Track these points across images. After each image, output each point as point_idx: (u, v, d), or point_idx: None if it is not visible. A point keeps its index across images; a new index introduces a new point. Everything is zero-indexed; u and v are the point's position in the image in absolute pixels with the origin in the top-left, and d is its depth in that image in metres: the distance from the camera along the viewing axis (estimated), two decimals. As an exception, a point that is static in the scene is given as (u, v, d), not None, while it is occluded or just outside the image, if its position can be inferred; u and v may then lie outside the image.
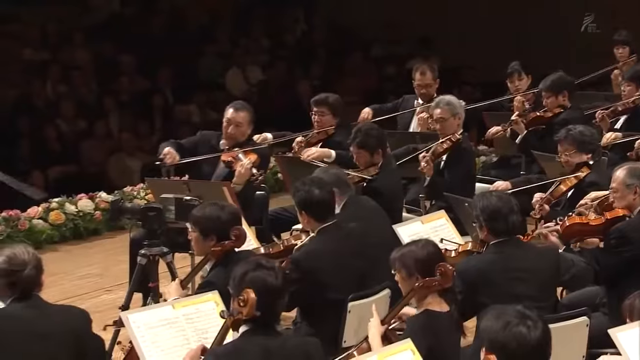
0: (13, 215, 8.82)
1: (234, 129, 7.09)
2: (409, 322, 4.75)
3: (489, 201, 5.25)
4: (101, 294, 7.64)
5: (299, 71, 13.79)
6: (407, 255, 4.73)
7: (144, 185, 9.18)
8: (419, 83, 8.29)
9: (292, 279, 5.43)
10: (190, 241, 5.39)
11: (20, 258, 4.51)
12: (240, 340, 4.18)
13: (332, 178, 6.06)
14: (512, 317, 3.69)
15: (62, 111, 11.94)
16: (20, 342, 4.41)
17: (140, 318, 4.71)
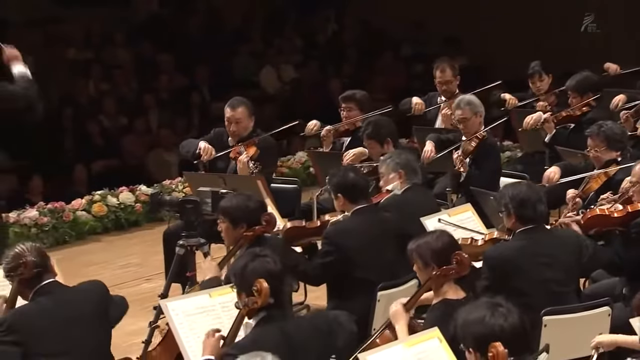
0: (58, 207, 8.88)
1: (235, 126, 7.15)
2: (428, 313, 4.73)
3: (519, 190, 5.31)
4: (141, 282, 7.67)
5: (330, 70, 13.76)
6: (422, 246, 4.74)
7: (182, 179, 9.20)
8: (440, 80, 8.28)
9: (322, 251, 5.54)
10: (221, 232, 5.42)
11: (17, 251, 4.65)
12: (259, 328, 4.23)
13: (403, 161, 6.21)
14: (485, 310, 3.67)
15: (104, 108, 11.98)
16: (54, 327, 4.50)
17: (179, 306, 4.73)
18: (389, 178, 6.25)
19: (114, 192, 9.26)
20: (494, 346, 3.58)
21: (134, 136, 11.90)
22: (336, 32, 14.70)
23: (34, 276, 4.62)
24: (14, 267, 4.64)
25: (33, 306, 4.62)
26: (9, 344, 4.44)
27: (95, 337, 4.60)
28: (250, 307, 4.20)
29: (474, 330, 3.66)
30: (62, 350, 4.45)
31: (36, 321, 4.51)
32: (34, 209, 8.77)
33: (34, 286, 4.63)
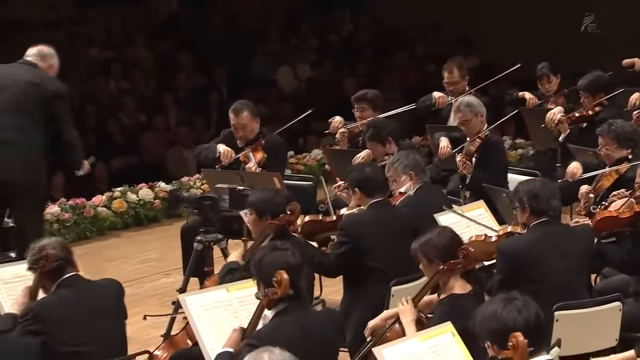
0: (79, 203, 8.91)
1: (242, 131, 7.17)
2: (436, 308, 4.72)
3: (533, 185, 5.34)
4: (160, 277, 7.68)
5: (346, 69, 13.75)
6: (425, 244, 4.74)
7: (200, 176, 9.20)
8: (447, 81, 8.29)
9: (337, 242, 5.57)
10: (243, 228, 5.43)
11: (39, 245, 4.68)
12: (278, 319, 4.24)
13: (411, 162, 6.22)
14: (499, 304, 3.68)
15: (124, 106, 12.00)
16: (75, 318, 4.53)
17: (197, 300, 4.73)
18: (400, 181, 6.21)
19: (134, 189, 9.27)
20: (514, 336, 3.59)
21: (153, 134, 11.91)
22: (351, 32, 14.69)
23: (55, 269, 4.65)
24: (36, 260, 4.68)
25: (56, 297, 4.66)
26: (33, 332, 4.47)
27: (113, 330, 4.63)
28: (270, 298, 4.22)
29: (489, 325, 3.67)
30: (83, 341, 4.49)
31: (59, 312, 4.54)
32: (55, 205, 8.79)
33: (56, 279, 4.66)
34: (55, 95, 6.72)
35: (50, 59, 6.92)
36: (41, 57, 6.87)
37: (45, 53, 6.92)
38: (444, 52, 12.79)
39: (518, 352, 3.58)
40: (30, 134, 6.58)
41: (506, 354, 3.60)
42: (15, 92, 6.61)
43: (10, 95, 6.60)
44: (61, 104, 6.78)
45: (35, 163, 6.61)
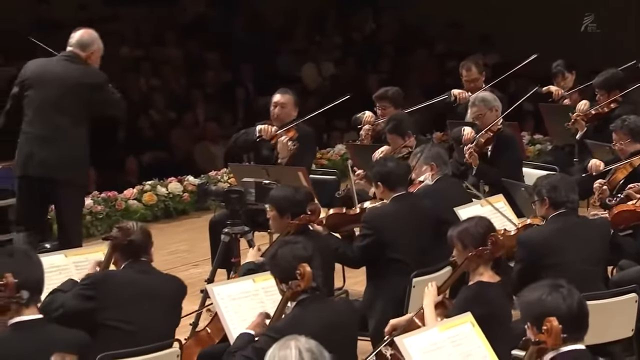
0: (111, 196, 8.96)
1: (279, 109, 7.16)
2: (462, 291, 4.73)
3: (552, 178, 5.38)
4: (189, 268, 7.70)
5: (368, 66, 13.73)
6: (463, 232, 4.75)
7: (227, 170, 9.22)
8: (466, 79, 8.28)
9: (360, 234, 5.58)
10: (269, 220, 5.43)
11: (128, 228, 4.69)
12: (297, 310, 4.26)
13: (433, 153, 6.26)
14: (546, 289, 3.69)
15: (154, 103, 12.03)
16: (132, 297, 4.52)
17: (224, 290, 4.75)
18: (421, 170, 6.28)
19: (163, 183, 9.31)
20: (549, 320, 3.60)
21: (182, 129, 11.94)
22: (374, 30, 14.66)
23: (127, 245, 4.64)
24: (114, 231, 4.71)
25: (119, 273, 4.67)
26: (87, 297, 4.47)
27: (164, 320, 4.57)
28: (294, 290, 4.23)
29: (532, 308, 3.68)
30: (128, 320, 4.45)
31: (116, 287, 4.53)
32: (88, 198, 8.83)
33: (127, 258, 4.66)
34: (92, 88, 6.56)
35: (90, 47, 6.69)
36: (81, 47, 6.66)
37: (85, 41, 6.68)
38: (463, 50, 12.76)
39: (551, 337, 3.59)
40: (69, 131, 6.48)
41: (540, 337, 3.62)
42: (53, 89, 6.49)
43: (49, 92, 6.49)
44: (100, 93, 6.60)
45: (74, 160, 6.51)
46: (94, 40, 6.71)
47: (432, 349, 4.14)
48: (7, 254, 4.04)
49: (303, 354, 3.33)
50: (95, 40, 6.72)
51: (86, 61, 6.63)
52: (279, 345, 3.39)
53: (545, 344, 3.61)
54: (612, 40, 12.37)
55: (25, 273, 3.95)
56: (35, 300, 3.99)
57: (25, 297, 3.90)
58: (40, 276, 4.04)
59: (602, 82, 8.00)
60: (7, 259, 4.00)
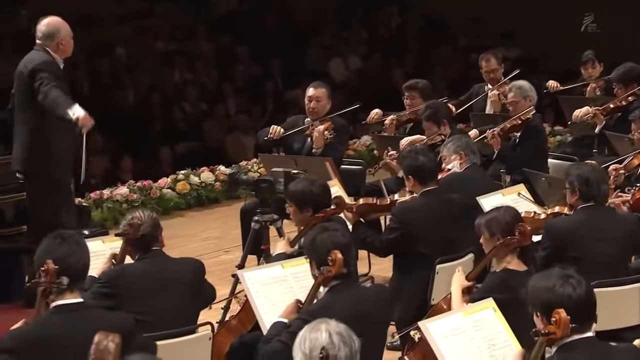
0: (146, 185, 8.99)
1: (315, 103, 7.15)
2: (488, 277, 4.70)
3: (585, 170, 5.26)
4: (220, 254, 7.71)
5: (393, 61, 13.68)
6: (491, 220, 4.70)
7: (257, 160, 9.22)
8: (486, 69, 8.22)
9: (389, 227, 5.56)
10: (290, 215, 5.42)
11: (137, 220, 4.64)
12: (329, 295, 4.25)
13: (463, 143, 6.26)
14: (556, 279, 3.65)
15: (187, 95, 12.06)
16: (142, 289, 4.50)
17: (254, 276, 4.74)
18: (450, 159, 6.26)
19: (196, 172, 9.32)
20: (557, 312, 3.58)
21: (213, 121, 11.96)
22: (399, 26, 14.61)
23: (139, 239, 4.61)
24: (124, 226, 4.68)
25: (133, 266, 4.64)
26: (105, 295, 4.45)
27: (183, 306, 4.55)
28: (326, 276, 4.22)
29: (543, 297, 3.65)
30: (145, 310, 4.42)
31: (131, 280, 4.51)
32: (124, 186, 8.87)
33: (140, 249, 4.64)
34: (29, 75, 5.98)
35: (57, 35, 6.09)
36: (49, 37, 6.09)
37: (50, 32, 6.08)
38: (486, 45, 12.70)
39: (560, 328, 3.57)
40: (25, 123, 6.07)
41: (549, 328, 3.60)
42: (16, 83, 6.15)
43: (16, 88, 6.16)
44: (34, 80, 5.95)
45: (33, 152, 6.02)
46: (59, 27, 6.11)
47: (455, 333, 4.13)
48: (52, 240, 4.02)
49: (333, 337, 3.33)
50: (61, 28, 6.12)
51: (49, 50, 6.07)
52: (309, 328, 3.38)
53: (554, 334, 3.59)
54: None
55: (67, 260, 3.94)
56: (78, 285, 3.98)
57: (65, 283, 3.90)
58: (83, 262, 4.01)
59: (620, 76, 7.95)
60: (51, 244, 3.99)
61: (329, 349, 3.31)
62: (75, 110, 5.80)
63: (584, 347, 3.62)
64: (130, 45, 12.51)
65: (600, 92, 8.33)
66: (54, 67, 6.02)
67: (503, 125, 7.27)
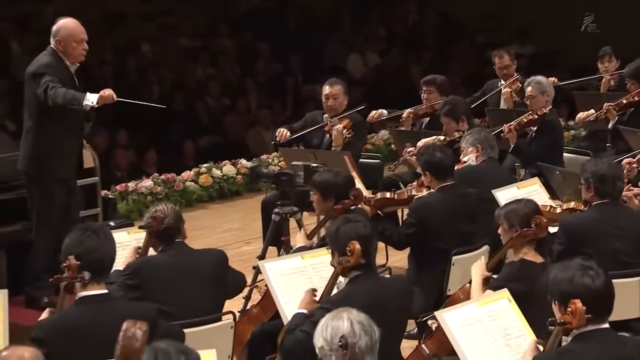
0: (170, 178, 9.02)
1: (332, 101, 7.14)
2: (505, 266, 4.68)
3: (601, 166, 5.19)
4: (241, 245, 7.73)
5: (411, 57, 13.64)
6: (510, 211, 4.68)
7: (277, 154, 9.23)
8: (499, 66, 8.20)
9: (406, 222, 5.55)
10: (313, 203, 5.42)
11: (161, 213, 4.62)
12: (349, 286, 4.24)
13: (481, 136, 6.21)
14: (576, 270, 3.63)
15: (210, 90, 12.08)
16: (166, 280, 4.49)
17: (275, 266, 4.74)
18: (467, 151, 6.24)
19: (218, 165, 9.34)
20: (573, 302, 3.57)
21: (235, 115, 11.97)
22: (416, 23, 14.57)
23: (162, 231, 4.60)
24: (147, 219, 4.67)
25: (156, 258, 4.63)
26: (131, 286, 4.44)
27: (206, 296, 4.54)
28: (344, 266, 4.21)
29: (562, 286, 3.64)
30: (168, 301, 4.41)
31: (154, 271, 4.50)
32: (149, 179, 8.90)
33: (163, 242, 4.63)
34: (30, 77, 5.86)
35: (56, 35, 5.90)
36: (52, 36, 5.92)
37: (53, 30, 5.91)
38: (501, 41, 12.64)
39: (576, 318, 3.57)
40: (28, 123, 5.95)
41: (565, 318, 3.60)
42: (25, 84, 5.98)
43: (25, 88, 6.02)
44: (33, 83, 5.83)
45: (33, 152, 5.91)
46: (59, 27, 5.91)
47: (470, 323, 4.11)
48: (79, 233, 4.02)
49: (354, 326, 3.33)
50: (61, 28, 5.91)
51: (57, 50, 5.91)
52: (331, 316, 3.38)
53: (570, 324, 3.59)
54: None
55: (92, 253, 3.94)
56: (103, 277, 3.99)
57: (87, 278, 3.91)
58: (109, 255, 4.01)
59: (633, 72, 7.93)
60: (78, 238, 4.00)
61: (349, 337, 3.32)
62: (90, 97, 5.70)
63: (598, 337, 3.61)
64: (155, 42, 12.54)
65: (614, 83, 8.30)
66: (57, 70, 5.85)
67: (519, 120, 7.25)
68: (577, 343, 3.62)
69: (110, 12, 12.39)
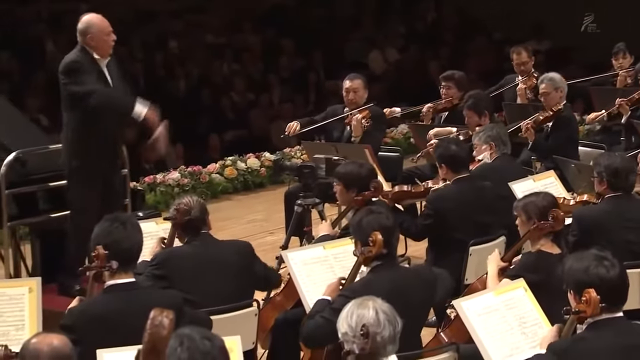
0: (196, 170, 9.03)
1: (353, 94, 7.14)
2: (522, 256, 4.65)
3: (614, 160, 5.15)
4: (265, 235, 7.73)
5: (429, 53, 13.60)
6: (529, 203, 4.64)
7: (300, 147, 9.22)
8: (517, 62, 8.12)
9: (424, 214, 5.54)
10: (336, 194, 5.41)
11: (186, 205, 4.59)
12: (371, 274, 4.22)
13: (494, 133, 6.13)
14: (592, 260, 3.61)
15: (235, 86, 12.09)
16: (192, 270, 4.48)
17: (297, 256, 4.73)
18: (481, 149, 6.18)
19: (243, 158, 9.35)
20: (588, 292, 3.55)
21: (259, 110, 11.98)
22: (435, 20, 14.51)
23: (187, 223, 4.58)
24: (172, 211, 4.66)
25: (183, 248, 4.61)
26: (159, 277, 4.42)
27: (232, 286, 4.51)
28: (366, 256, 4.20)
29: (577, 276, 3.62)
30: (200, 290, 4.40)
31: (182, 261, 4.49)
32: (176, 171, 8.93)
33: (188, 233, 4.61)
34: (61, 73, 5.80)
35: (86, 32, 5.80)
36: (80, 33, 5.83)
37: (81, 28, 5.82)
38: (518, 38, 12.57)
39: (590, 307, 3.56)
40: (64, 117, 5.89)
41: (580, 307, 3.59)
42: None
43: None
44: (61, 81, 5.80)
45: (65, 147, 5.86)
46: (88, 25, 5.80)
47: (487, 311, 4.10)
48: (107, 224, 4.02)
49: (379, 315, 3.32)
50: (89, 25, 5.80)
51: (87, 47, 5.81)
52: (357, 304, 3.37)
53: (584, 313, 3.58)
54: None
55: (120, 243, 3.95)
56: (131, 266, 3.99)
57: (115, 267, 3.92)
58: (132, 246, 4.00)
59: None
60: (107, 228, 4.00)
61: (370, 326, 3.30)
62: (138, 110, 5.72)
63: (612, 326, 3.59)
64: (182, 39, 12.57)
65: (631, 81, 8.24)
66: (85, 66, 5.77)
67: (535, 118, 7.17)
68: (591, 331, 3.60)
69: (141, 11, 12.44)
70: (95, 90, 5.69)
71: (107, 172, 5.96)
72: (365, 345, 3.30)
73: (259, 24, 13.32)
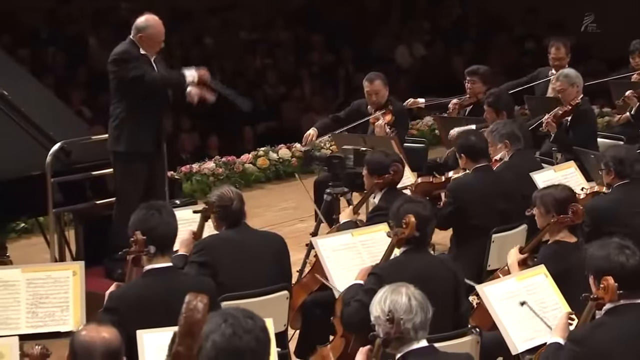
0: (230, 160, 9.06)
1: (375, 96, 7.10)
2: (542, 249, 4.61)
3: (619, 150, 5.19)
4: (296, 223, 7.74)
5: (454, 48, 13.52)
6: (547, 195, 4.58)
7: (329, 138, 9.21)
8: (554, 57, 7.94)
9: (445, 202, 5.51)
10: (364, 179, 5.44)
11: (228, 196, 4.58)
12: (402, 256, 4.21)
13: (507, 131, 6.02)
14: (613, 248, 3.59)
15: (267, 79, 12.09)
16: (233, 257, 4.48)
17: (326, 243, 4.73)
18: (496, 148, 6.05)
19: (275, 149, 9.36)
20: (606, 279, 3.53)
21: (291, 103, 11.98)
22: (459, 16, 14.42)
23: (230, 214, 4.55)
24: (205, 203, 4.67)
25: (221, 236, 4.59)
26: (202, 263, 4.42)
27: (267, 277, 4.50)
28: (399, 237, 4.18)
29: (597, 263, 3.61)
30: (230, 276, 4.40)
31: (222, 249, 4.48)
32: (211, 161, 8.96)
33: (226, 223, 4.59)
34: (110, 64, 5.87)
35: (139, 31, 5.86)
36: (135, 29, 5.89)
37: (137, 25, 5.89)
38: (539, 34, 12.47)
39: (608, 294, 3.53)
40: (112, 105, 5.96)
41: (598, 293, 3.56)
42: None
43: None
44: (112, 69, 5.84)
45: (113, 134, 5.91)
46: (146, 25, 5.86)
47: (509, 296, 4.08)
48: (144, 211, 4.04)
49: (412, 302, 3.29)
50: (148, 26, 5.87)
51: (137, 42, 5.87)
52: (391, 289, 3.34)
53: (602, 299, 3.55)
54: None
55: (157, 229, 3.95)
56: (167, 251, 3.99)
57: (153, 251, 3.93)
58: (168, 231, 4.00)
59: None
60: (143, 215, 4.01)
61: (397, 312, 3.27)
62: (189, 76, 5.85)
63: (630, 312, 3.55)
64: (217, 36, 12.59)
65: None
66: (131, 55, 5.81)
67: (555, 112, 7.09)
68: (610, 316, 3.57)
69: (177, 9, 12.46)
70: (147, 71, 5.80)
71: (151, 160, 5.99)
72: (390, 330, 3.28)
73: (291, 21, 13.31)
